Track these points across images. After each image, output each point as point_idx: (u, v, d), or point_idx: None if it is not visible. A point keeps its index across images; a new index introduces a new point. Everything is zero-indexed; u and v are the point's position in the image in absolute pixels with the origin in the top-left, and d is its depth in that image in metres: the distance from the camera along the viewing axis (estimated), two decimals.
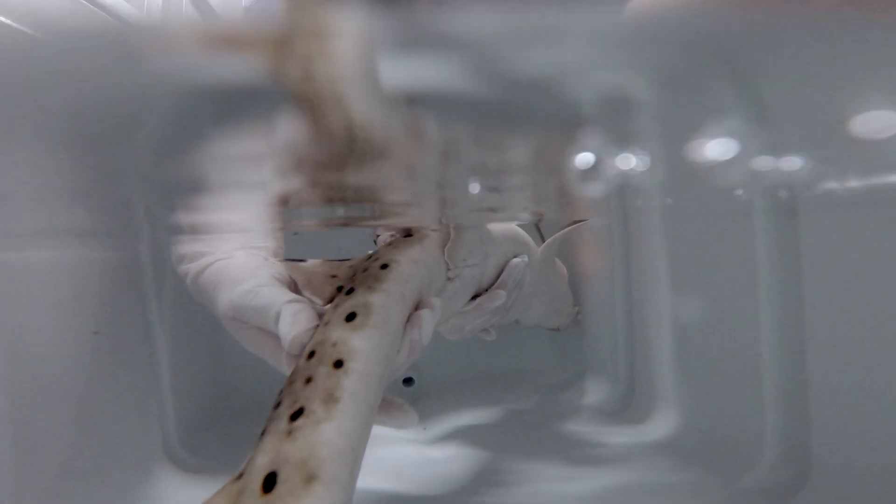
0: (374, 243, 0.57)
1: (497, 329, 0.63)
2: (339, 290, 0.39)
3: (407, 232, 0.47)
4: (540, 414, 0.77)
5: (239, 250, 0.47)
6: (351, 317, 0.35)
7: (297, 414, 0.30)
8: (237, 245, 0.47)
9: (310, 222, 0.55)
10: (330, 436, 0.29)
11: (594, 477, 0.56)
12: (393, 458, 0.62)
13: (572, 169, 0.38)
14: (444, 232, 0.48)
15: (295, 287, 0.42)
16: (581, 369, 0.86)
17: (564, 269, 0.79)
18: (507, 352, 0.91)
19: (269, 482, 0.27)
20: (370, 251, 0.44)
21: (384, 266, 0.40)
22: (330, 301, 0.39)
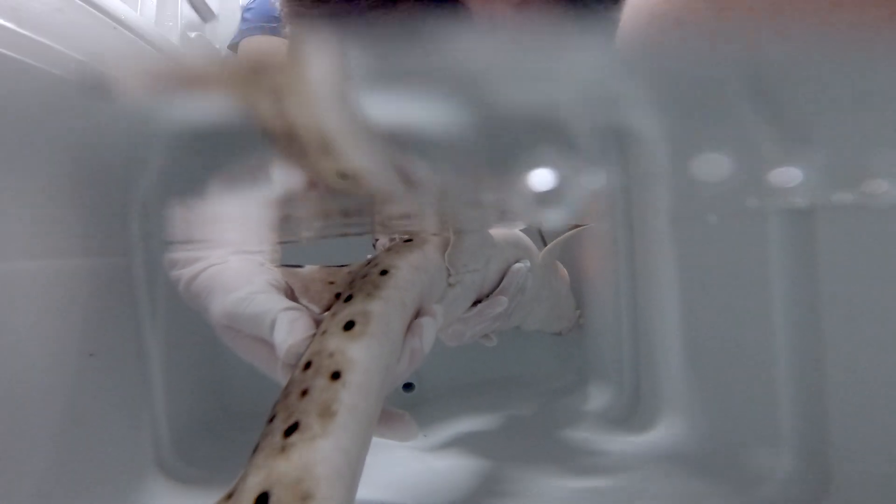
0: (373, 248, 0.56)
1: (498, 334, 0.62)
2: (338, 297, 0.38)
3: (407, 237, 0.46)
4: (542, 420, 0.75)
5: (233, 255, 0.46)
6: (349, 325, 0.34)
7: (291, 429, 0.28)
8: (232, 250, 0.46)
9: (308, 234, 0.54)
10: (326, 453, 0.27)
11: (598, 486, 0.54)
12: (391, 466, 0.61)
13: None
14: (445, 237, 0.47)
15: (291, 294, 0.41)
16: (584, 374, 0.85)
17: (566, 273, 0.78)
18: (508, 357, 0.89)
19: (261, 503, 0.25)
20: (369, 256, 0.42)
21: (384, 272, 0.39)
22: (328, 308, 0.38)
